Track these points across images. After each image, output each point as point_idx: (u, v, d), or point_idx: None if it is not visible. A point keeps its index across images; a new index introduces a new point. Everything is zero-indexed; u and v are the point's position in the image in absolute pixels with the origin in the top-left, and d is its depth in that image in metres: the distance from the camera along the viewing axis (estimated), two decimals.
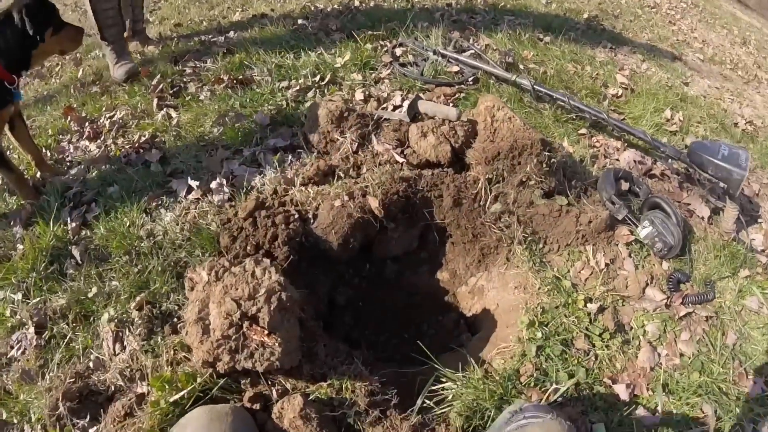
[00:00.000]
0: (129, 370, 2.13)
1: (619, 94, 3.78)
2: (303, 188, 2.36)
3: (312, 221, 2.23)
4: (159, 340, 2.13)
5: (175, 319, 2.17)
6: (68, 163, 3.07)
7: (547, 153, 2.52)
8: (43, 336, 2.30)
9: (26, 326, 2.34)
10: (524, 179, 2.50)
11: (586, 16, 5.27)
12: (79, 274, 2.42)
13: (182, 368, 1.99)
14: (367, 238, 2.37)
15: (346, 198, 2.27)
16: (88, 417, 2.06)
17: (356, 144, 2.54)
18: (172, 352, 2.08)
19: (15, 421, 2.10)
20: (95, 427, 2.04)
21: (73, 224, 2.61)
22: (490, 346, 2.22)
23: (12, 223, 2.78)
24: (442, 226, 2.54)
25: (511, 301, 2.36)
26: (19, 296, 2.46)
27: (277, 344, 1.64)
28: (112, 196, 2.67)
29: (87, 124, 3.24)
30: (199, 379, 1.89)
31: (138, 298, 2.22)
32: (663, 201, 2.47)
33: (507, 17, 4.61)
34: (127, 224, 2.51)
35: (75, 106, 3.52)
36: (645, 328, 2.15)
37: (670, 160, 3.07)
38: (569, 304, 2.23)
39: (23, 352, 2.31)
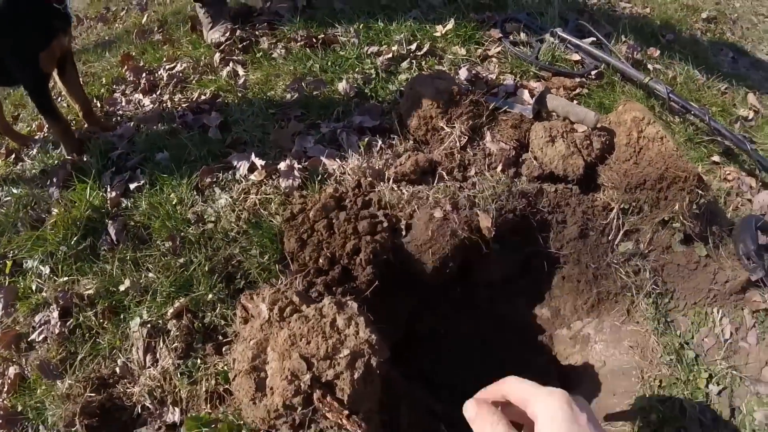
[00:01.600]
0: (159, 390, 1.66)
1: (750, 117, 3.01)
2: (394, 186, 1.78)
3: (404, 233, 1.65)
4: (198, 361, 1.64)
5: (221, 337, 1.66)
6: (118, 118, 2.59)
7: (700, 191, 1.94)
8: (67, 324, 1.91)
9: (51, 308, 1.94)
10: (667, 218, 1.94)
11: (704, 16, 4.37)
12: (113, 256, 1.95)
13: (224, 411, 1.49)
14: (467, 261, 1.79)
15: (449, 208, 1.69)
16: None
17: (465, 138, 1.93)
18: (213, 382, 1.58)
19: (30, 416, 1.75)
20: None
21: (113, 193, 2.15)
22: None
23: (50, 182, 2.34)
24: (556, 256, 1.93)
25: (623, 362, 1.86)
26: (47, 270, 2.06)
27: (359, 429, 1.09)
28: (161, 164, 2.18)
29: (144, 75, 2.75)
30: None
31: (177, 304, 1.73)
32: None
33: (623, 3, 3.83)
34: (174, 202, 2.01)
35: (134, 54, 3.03)
36: (753, 414, 1.78)
37: None
38: (689, 381, 1.78)
39: (45, 339, 1.92)
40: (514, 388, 0.82)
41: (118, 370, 1.77)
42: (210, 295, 1.70)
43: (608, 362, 1.89)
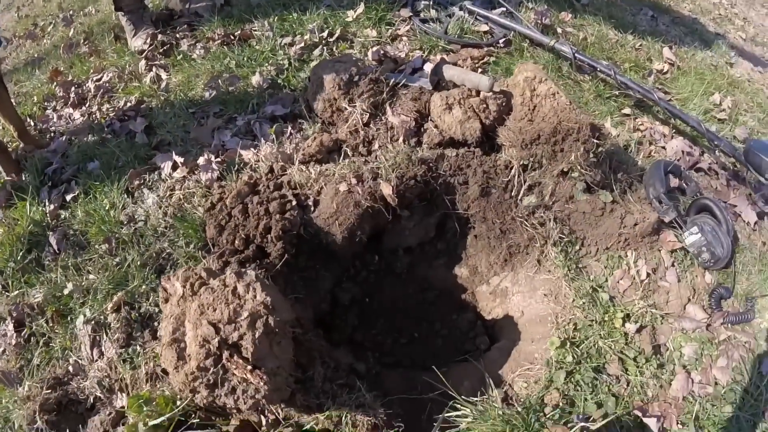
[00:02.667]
0: (107, 379, 1.78)
1: (665, 70, 3.13)
2: (303, 167, 1.90)
3: (312, 209, 1.77)
4: (138, 348, 1.76)
5: (156, 324, 1.79)
6: (51, 134, 2.65)
7: (595, 141, 2.01)
8: (22, 334, 2.00)
9: (6, 322, 2.03)
10: (566, 169, 2.02)
11: None
12: (56, 265, 2.05)
13: (161, 387, 1.62)
14: (377, 228, 1.92)
15: (353, 181, 1.81)
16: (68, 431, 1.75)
17: (367, 115, 2.05)
18: (151, 364, 1.71)
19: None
20: None
21: (51, 206, 2.25)
22: (512, 363, 1.85)
23: None
24: (465, 217, 2.09)
25: (539, 310, 1.97)
26: None
27: (262, 382, 1.23)
28: (93, 173, 2.27)
29: (73, 89, 2.80)
30: (180, 403, 1.51)
31: (115, 298, 1.84)
32: (714, 204, 2.04)
33: None
34: (107, 207, 2.11)
35: (62, 69, 3.06)
36: (682, 350, 1.83)
37: (717, 153, 2.52)
38: (605, 322, 1.85)
39: (3, 351, 2.01)
40: None
41: (70, 368, 1.88)
42: (144, 287, 1.82)
43: (526, 312, 2.00)
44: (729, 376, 1.79)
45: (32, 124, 2.75)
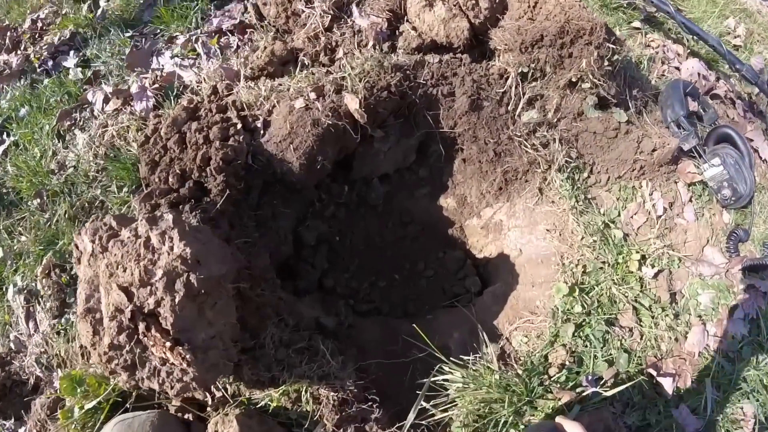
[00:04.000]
0: (45, 356, 1.46)
1: None
2: (252, 84, 1.47)
3: (262, 132, 1.37)
4: (72, 317, 1.42)
5: None
6: None
7: (611, 45, 1.57)
8: None
9: None
10: (575, 79, 1.59)
11: None
12: None
13: (92, 365, 1.28)
14: (344, 153, 1.52)
15: (312, 96, 1.40)
16: (13, 418, 1.46)
17: (329, 17, 1.59)
18: None
19: None
20: (22, 429, 1.44)
21: None
22: (509, 312, 1.49)
23: None
24: (452, 137, 1.64)
25: (541, 249, 1.58)
26: None
27: (185, 363, 0.88)
28: (23, 120, 1.86)
29: (8, 33, 2.36)
30: (114, 383, 1.19)
31: (44, 261, 1.48)
32: (737, 134, 1.64)
33: None
34: (38, 156, 1.72)
35: None
36: (698, 299, 1.52)
37: (733, 81, 2.05)
38: (619, 265, 1.50)
39: None
40: None
41: (12, 345, 1.56)
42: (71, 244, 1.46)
43: (525, 250, 1.62)
44: (744, 329, 1.51)
45: None
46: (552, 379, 1.29)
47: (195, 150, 1.32)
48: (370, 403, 1.09)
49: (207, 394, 1.08)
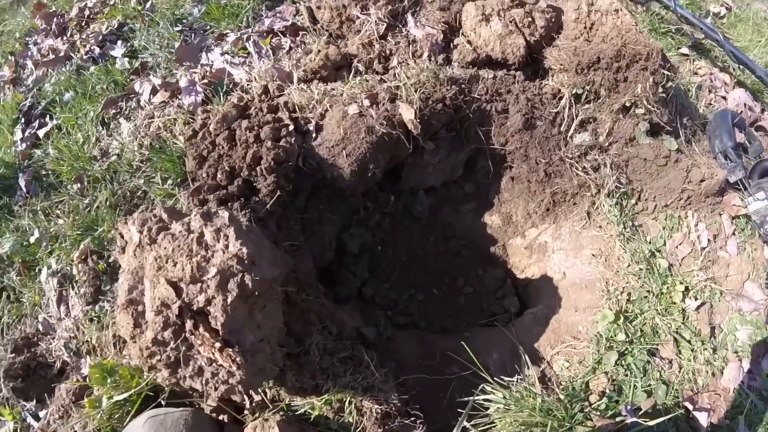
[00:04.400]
0: (74, 341, 1.43)
1: (722, 14, 2.56)
2: (304, 86, 1.45)
3: (314, 135, 1.34)
4: (106, 305, 1.39)
5: None
6: (32, 68, 2.24)
7: (666, 72, 1.55)
8: None
9: None
10: (629, 104, 1.57)
11: None
12: (25, 210, 1.68)
13: (128, 355, 1.25)
14: (394, 162, 1.49)
15: (366, 103, 1.37)
16: (35, 400, 1.41)
17: (384, 25, 1.58)
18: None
19: None
20: (44, 412, 1.40)
21: (23, 146, 1.87)
22: (550, 336, 1.44)
23: None
24: (501, 154, 1.61)
25: (585, 273, 1.54)
26: None
27: (235, 366, 0.84)
28: (67, 105, 1.85)
29: (55, 19, 2.36)
30: (147, 377, 1.15)
31: (81, 246, 1.46)
32: None
33: None
34: (81, 141, 1.71)
35: (46, 1, 2.62)
36: (736, 334, 1.48)
37: None
38: (662, 295, 1.47)
39: None
40: None
41: (40, 327, 1.53)
42: (113, 232, 1.42)
43: (569, 273, 1.58)
44: None
45: (13, 59, 2.36)
46: (592, 406, 1.25)
47: (245, 148, 1.29)
48: (413, 419, 1.05)
49: (246, 397, 1.04)
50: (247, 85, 1.53)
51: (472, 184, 1.71)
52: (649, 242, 1.55)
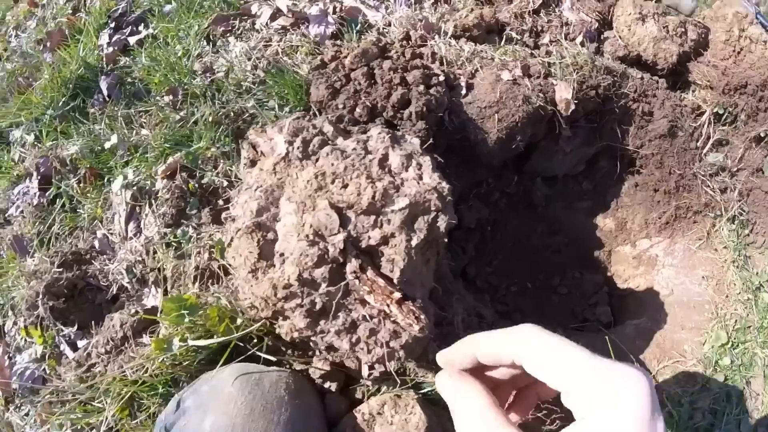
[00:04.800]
0: (141, 266, 1.24)
1: None
2: (453, 41, 1.31)
3: (465, 93, 1.19)
4: (190, 230, 1.21)
5: (220, 202, 1.24)
6: None
7: None
8: (47, 194, 1.47)
9: (30, 178, 1.54)
10: (763, 134, 1.48)
11: None
12: (102, 114, 1.51)
13: (217, 293, 1.06)
14: (531, 141, 1.34)
15: (518, 72, 1.22)
16: (76, 325, 1.23)
17: (539, 1, 1.44)
18: (206, 256, 1.15)
19: (1, 300, 1.36)
20: (84, 342, 1.22)
21: (110, 49, 1.69)
22: (656, 350, 1.33)
23: (43, 47, 1.92)
24: (632, 157, 1.48)
25: (694, 294, 1.44)
26: (31, 138, 1.65)
27: (418, 323, 0.68)
28: (168, 15, 1.69)
29: None
30: (240, 322, 0.97)
31: (170, 160, 1.28)
32: None
33: None
34: (180, 54, 1.54)
35: None
36: None
37: None
38: (763, 329, 1.38)
39: (21, 213, 1.50)
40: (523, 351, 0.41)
41: (97, 243, 1.35)
42: (213, 150, 1.26)
43: (676, 291, 1.47)
44: None
45: None
46: (696, 424, 1.19)
47: (388, 88, 1.13)
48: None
49: (368, 368, 0.87)
50: (384, 29, 1.38)
51: (589, 182, 1.57)
52: (757, 274, 1.45)
